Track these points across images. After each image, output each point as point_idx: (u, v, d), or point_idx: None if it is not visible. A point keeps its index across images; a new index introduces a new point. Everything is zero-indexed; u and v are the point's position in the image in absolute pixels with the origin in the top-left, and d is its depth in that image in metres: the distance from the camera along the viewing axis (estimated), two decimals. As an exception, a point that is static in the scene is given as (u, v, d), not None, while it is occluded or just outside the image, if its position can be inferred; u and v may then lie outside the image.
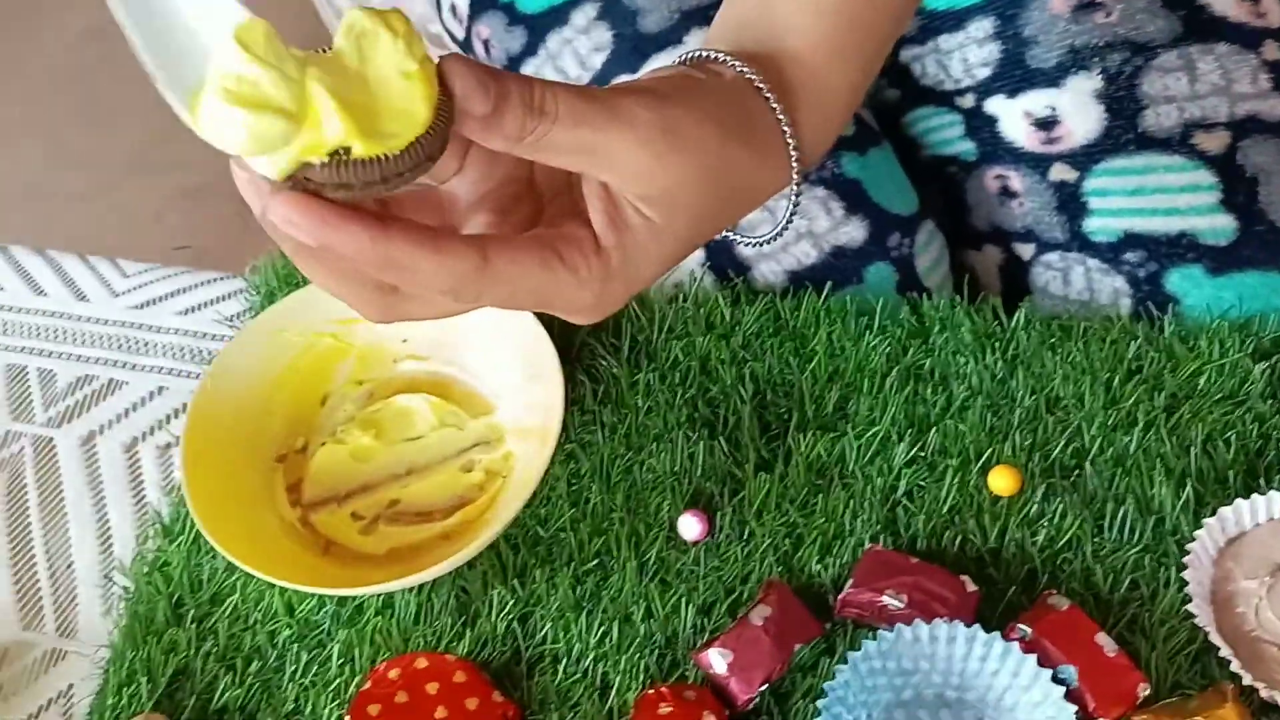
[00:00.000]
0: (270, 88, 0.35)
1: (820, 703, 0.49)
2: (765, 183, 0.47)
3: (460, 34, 0.78)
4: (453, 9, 0.78)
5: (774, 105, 0.46)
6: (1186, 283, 0.65)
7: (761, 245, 0.52)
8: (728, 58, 0.47)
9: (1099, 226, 0.67)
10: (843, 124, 0.51)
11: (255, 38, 0.35)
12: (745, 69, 0.46)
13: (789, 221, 0.50)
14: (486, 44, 0.75)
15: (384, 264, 0.38)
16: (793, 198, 0.49)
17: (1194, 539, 0.53)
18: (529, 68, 0.73)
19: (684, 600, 0.55)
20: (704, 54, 0.47)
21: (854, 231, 0.66)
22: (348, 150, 0.36)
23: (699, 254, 0.67)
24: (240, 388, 0.60)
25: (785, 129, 0.47)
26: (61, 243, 0.73)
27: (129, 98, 1.68)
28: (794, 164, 0.47)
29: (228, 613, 0.56)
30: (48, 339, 0.67)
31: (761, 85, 0.46)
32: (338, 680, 0.54)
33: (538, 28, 0.72)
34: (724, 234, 0.53)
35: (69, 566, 0.60)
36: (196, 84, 0.35)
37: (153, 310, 0.68)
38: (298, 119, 0.35)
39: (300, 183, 0.36)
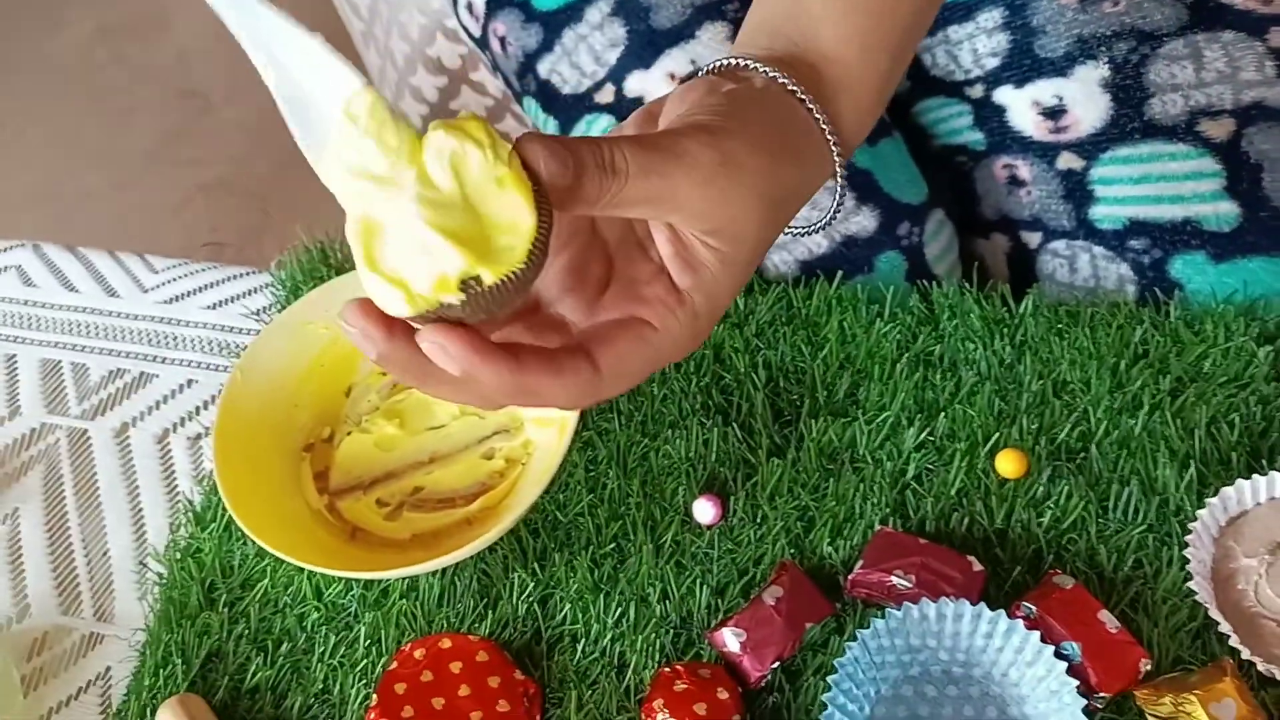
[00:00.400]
0: (374, 155, 0.36)
1: (830, 679, 0.50)
2: (812, 185, 0.49)
3: (476, 31, 0.80)
4: (469, 6, 0.80)
5: (810, 106, 0.48)
6: (1190, 269, 0.66)
7: (809, 234, 0.54)
8: (757, 64, 0.48)
9: (1105, 214, 0.68)
10: (878, 113, 0.52)
11: (359, 112, 0.37)
12: (778, 75, 0.47)
13: (839, 208, 0.52)
14: (503, 41, 0.77)
15: (517, 392, 0.40)
16: (839, 187, 0.50)
17: (1196, 519, 0.54)
18: (545, 64, 0.74)
19: (699, 582, 0.57)
20: (733, 62, 0.48)
21: (864, 221, 0.67)
22: (478, 279, 0.37)
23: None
24: (268, 380, 0.62)
25: (824, 127, 0.48)
26: (82, 239, 0.75)
27: (143, 95, 1.71)
28: (836, 159, 0.49)
29: (258, 597, 0.58)
30: (80, 334, 0.70)
31: (795, 88, 0.48)
32: (365, 661, 0.56)
33: (553, 24, 0.73)
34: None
35: (105, 554, 0.62)
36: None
37: (181, 305, 0.70)
38: (398, 183, 0.37)
39: (437, 315, 0.38)
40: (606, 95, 0.72)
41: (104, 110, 1.71)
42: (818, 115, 0.48)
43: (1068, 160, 0.70)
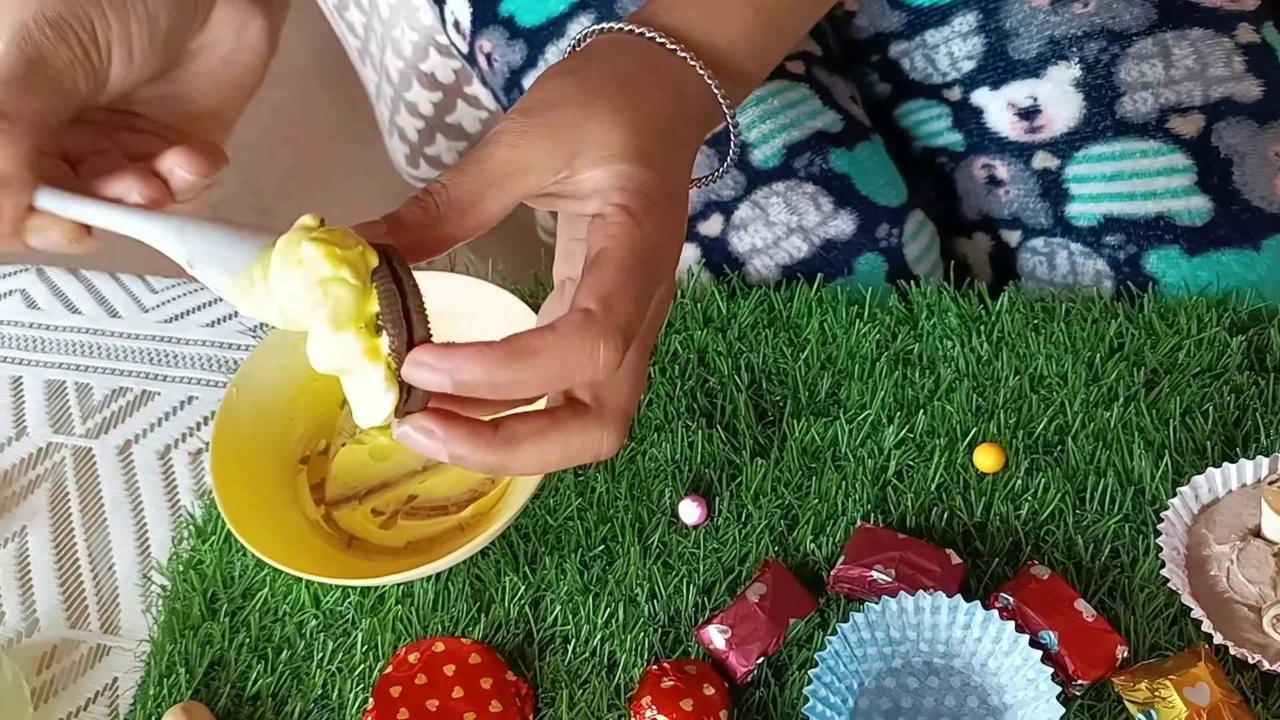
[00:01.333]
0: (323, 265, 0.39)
1: (812, 672, 0.52)
2: (688, 105, 0.48)
3: (464, 48, 0.82)
4: (456, 25, 0.81)
5: (649, 36, 0.48)
6: (1165, 263, 0.67)
7: (713, 180, 0.54)
8: (597, 28, 0.49)
9: (1080, 211, 0.70)
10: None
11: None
12: (613, 25, 0.48)
13: (733, 151, 0.52)
14: (489, 58, 0.78)
15: (512, 358, 0.39)
16: (730, 122, 0.50)
17: (1169, 508, 0.55)
18: (530, 79, 0.76)
19: (685, 581, 0.58)
20: (577, 40, 0.50)
21: (843, 224, 0.69)
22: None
23: (695, 252, 0.70)
24: (263, 395, 0.63)
25: (681, 54, 0.48)
26: (94, 261, 0.77)
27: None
28: (710, 82, 0.48)
29: (259, 606, 0.59)
30: (83, 354, 0.72)
31: (628, 27, 0.48)
32: (362, 665, 0.57)
33: (536, 41, 0.75)
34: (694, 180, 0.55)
35: (110, 568, 0.64)
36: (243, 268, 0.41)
37: (180, 324, 0.72)
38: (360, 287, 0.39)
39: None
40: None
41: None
42: (660, 40, 0.48)
43: (1043, 159, 0.71)
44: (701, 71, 0.48)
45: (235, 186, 1.60)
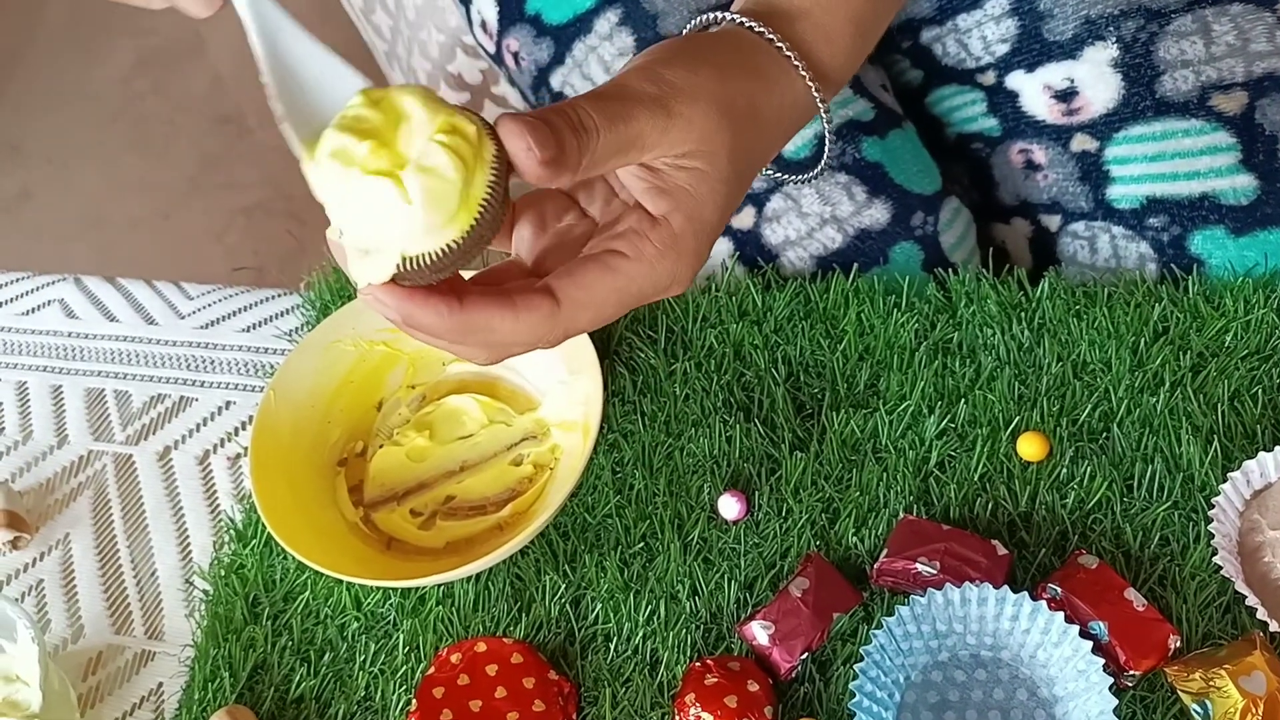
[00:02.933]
0: (384, 128, 0.40)
1: (858, 667, 0.51)
2: (785, 106, 0.50)
3: (491, 48, 0.82)
4: (483, 24, 0.81)
5: (759, 31, 0.50)
6: (1210, 244, 0.66)
7: (810, 180, 0.56)
8: (713, 16, 0.50)
9: (1121, 194, 0.68)
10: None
11: (376, 95, 0.40)
12: (730, 16, 0.50)
13: (831, 149, 0.54)
14: (516, 56, 0.78)
15: (464, 330, 0.42)
16: (825, 122, 0.52)
17: (1220, 493, 0.54)
18: (557, 77, 0.76)
19: (726, 577, 0.57)
20: (694, 24, 0.51)
21: (877, 214, 0.68)
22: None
23: (727, 245, 0.69)
24: (300, 399, 0.63)
25: (788, 54, 0.50)
26: (126, 268, 0.77)
27: (181, 125, 1.75)
28: (810, 84, 0.51)
29: (300, 609, 0.60)
30: (122, 362, 0.72)
31: (745, 20, 0.50)
32: (404, 667, 0.57)
33: (563, 38, 0.75)
34: (773, 174, 0.58)
35: (153, 574, 0.64)
36: (315, 132, 0.40)
37: (217, 330, 0.73)
38: (398, 180, 0.39)
39: (404, 278, 0.41)
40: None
41: (145, 140, 1.75)
42: (771, 37, 0.50)
43: (1082, 142, 0.70)
44: (811, 84, 0.51)
45: (267, 190, 1.61)
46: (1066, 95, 0.70)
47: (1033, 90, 0.72)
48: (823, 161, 0.55)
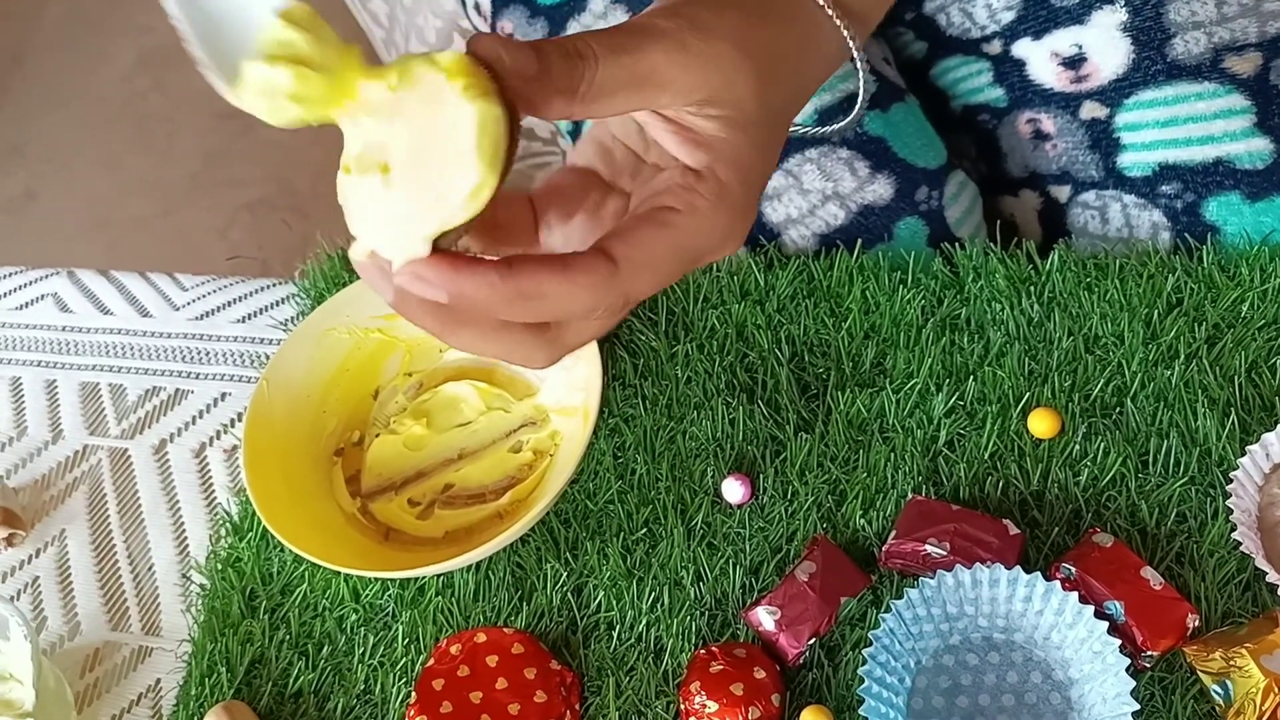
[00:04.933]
0: (308, 48, 0.37)
1: (866, 652, 0.50)
2: (811, 51, 0.47)
3: (486, 30, 0.80)
4: (476, 6, 0.80)
5: None
6: (1225, 210, 0.64)
7: (846, 131, 0.53)
8: None
9: (1133, 161, 0.67)
10: None
11: (298, 16, 0.37)
12: None
13: (865, 95, 0.51)
14: (511, 38, 0.77)
15: (516, 298, 0.38)
16: (859, 65, 0.49)
17: (1238, 468, 0.52)
18: (552, 55, 0.74)
19: (731, 562, 0.56)
20: None
21: (881, 189, 0.66)
22: None
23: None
24: (295, 388, 0.62)
25: (829, 10, 0.47)
26: (130, 266, 0.76)
27: (183, 122, 1.74)
28: (841, 26, 0.47)
29: (298, 602, 0.58)
30: (116, 355, 0.71)
31: None
32: (404, 659, 0.56)
33: (557, 17, 0.73)
34: (802, 129, 0.55)
35: (150, 569, 0.63)
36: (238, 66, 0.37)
37: (211, 321, 0.72)
38: (338, 79, 0.37)
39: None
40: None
41: (148, 138, 1.74)
42: None
43: (1091, 109, 0.68)
44: (840, 23, 0.48)
45: (270, 186, 1.60)
46: (1075, 62, 0.68)
47: (1040, 58, 0.70)
48: (857, 107, 0.52)
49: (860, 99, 0.52)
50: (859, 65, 0.50)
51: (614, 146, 0.47)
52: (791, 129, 0.53)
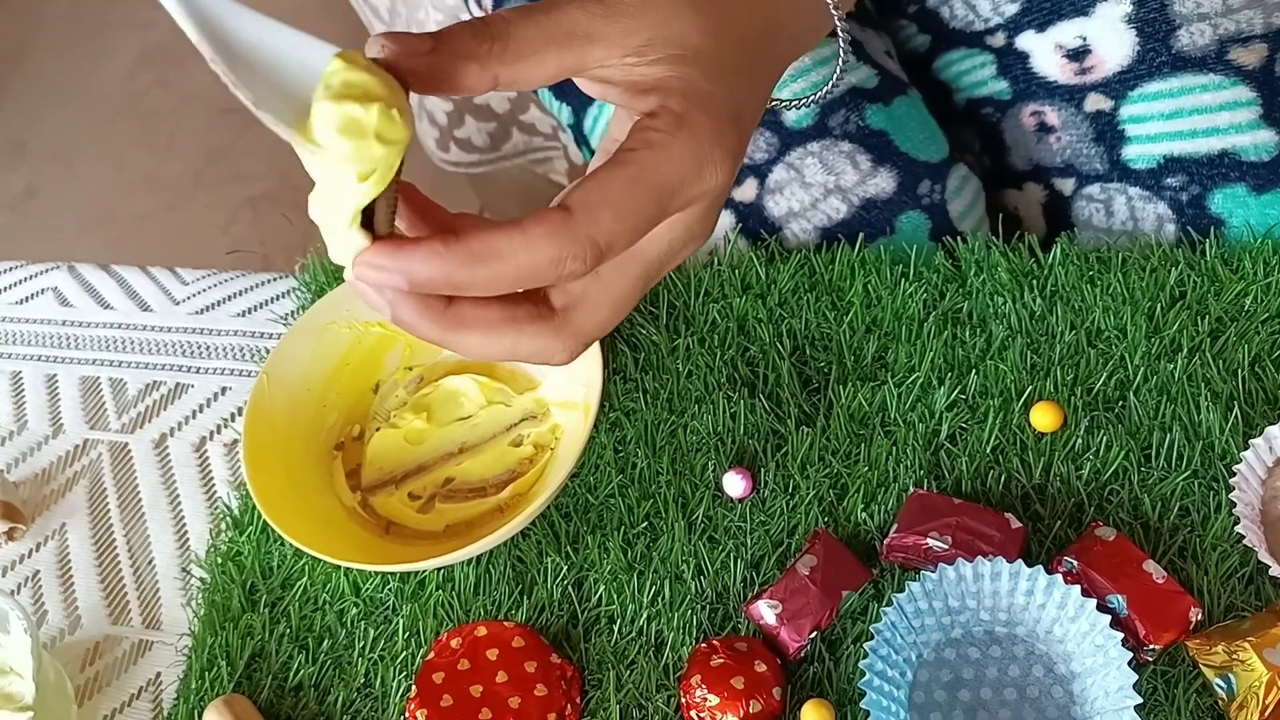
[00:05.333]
0: (379, 88, 0.36)
1: (867, 645, 0.49)
2: (783, 23, 0.45)
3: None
4: (478, 0, 0.80)
5: None
6: (1231, 202, 0.63)
7: (818, 101, 0.51)
8: None
9: (1138, 153, 0.66)
10: None
11: (357, 57, 0.37)
12: None
13: (844, 66, 0.49)
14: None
15: (469, 260, 0.36)
16: (841, 40, 0.48)
17: (1241, 461, 0.52)
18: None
19: (732, 556, 0.56)
20: None
21: (883, 183, 0.66)
22: (369, 208, 0.37)
23: (730, 219, 0.67)
24: (295, 383, 0.62)
25: None
26: (138, 262, 0.76)
27: (185, 118, 1.74)
28: None
29: (298, 596, 0.58)
30: (117, 350, 0.71)
31: None
32: (404, 653, 0.56)
33: (558, 8, 0.73)
34: (778, 104, 0.52)
35: (150, 563, 0.63)
36: (299, 107, 0.36)
37: (212, 315, 0.71)
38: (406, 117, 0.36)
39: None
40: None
41: (150, 134, 1.74)
42: None
43: (1096, 101, 0.68)
44: None
45: (273, 181, 1.60)
46: (1079, 54, 0.68)
47: (1044, 50, 0.69)
48: (836, 70, 0.50)
49: (835, 76, 0.50)
50: (840, 34, 0.48)
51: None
52: (774, 102, 0.51)
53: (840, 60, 0.50)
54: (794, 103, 0.53)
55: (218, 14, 0.36)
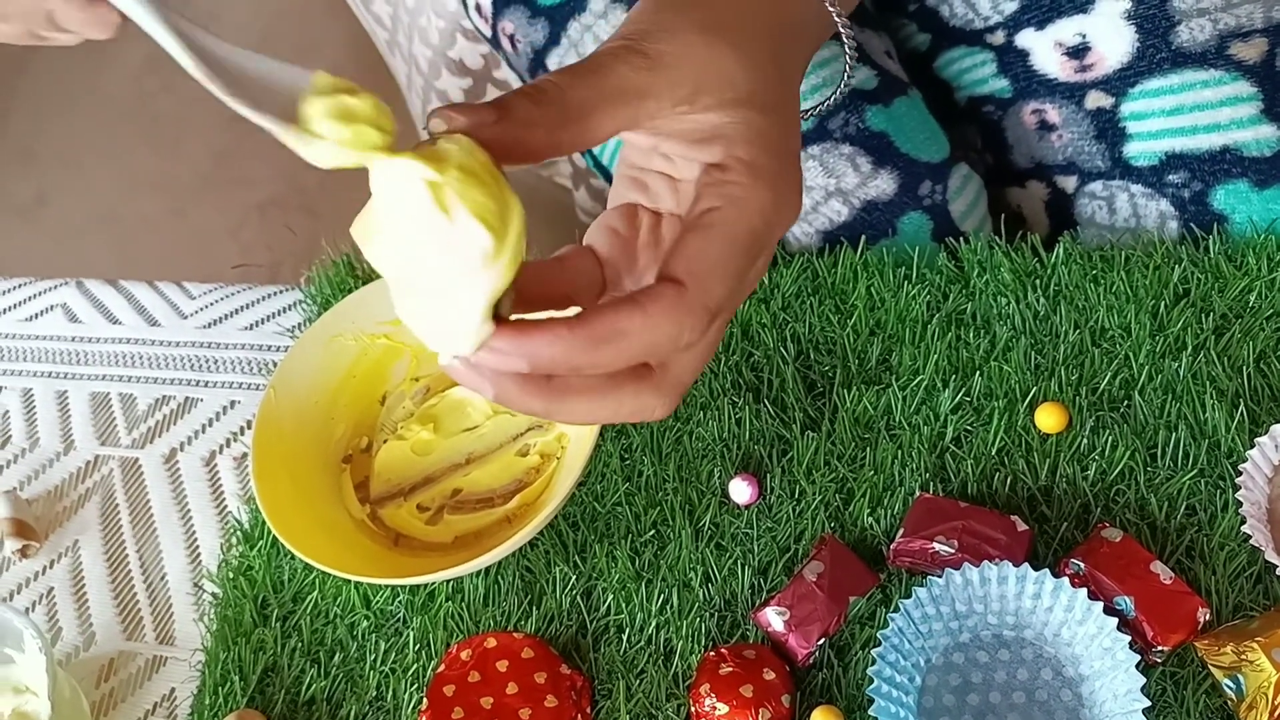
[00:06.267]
0: (359, 102, 0.36)
1: (875, 651, 0.50)
2: (799, 32, 0.46)
3: (487, 31, 0.80)
4: (478, 8, 0.80)
5: None
6: (1233, 198, 0.63)
7: (824, 110, 0.52)
8: None
9: (1139, 150, 0.66)
10: None
11: (337, 80, 0.37)
12: None
13: (851, 70, 0.49)
14: (512, 39, 0.77)
15: (593, 343, 0.37)
16: (846, 45, 0.48)
17: (1247, 459, 0.52)
18: (554, 58, 0.74)
19: (740, 563, 0.56)
20: None
21: (884, 184, 0.66)
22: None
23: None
24: (302, 395, 0.62)
25: None
26: (141, 267, 0.77)
27: (192, 122, 1.75)
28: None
29: (309, 610, 0.59)
30: (126, 365, 0.71)
31: None
32: (415, 665, 0.56)
33: (558, 17, 0.73)
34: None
35: (163, 578, 0.63)
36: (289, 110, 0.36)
37: (219, 329, 0.72)
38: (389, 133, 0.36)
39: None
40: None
41: (158, 138, 1.75)
42: None
43: (1096, 99, 0.68)
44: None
45: (281, 185, 1.60)
46: (1079, 51, 0.68)
47: (1044, 48, 0.69)
48: (838, 88, 0.50)
49: (843, 78, 0.50)
50: (844, 37, 0.48)
51: (642, 176, 0.46)
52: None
53: (847, 65, 0.50)
54: (806, 113, 0.53)
55: (198, 39, 0.37)
